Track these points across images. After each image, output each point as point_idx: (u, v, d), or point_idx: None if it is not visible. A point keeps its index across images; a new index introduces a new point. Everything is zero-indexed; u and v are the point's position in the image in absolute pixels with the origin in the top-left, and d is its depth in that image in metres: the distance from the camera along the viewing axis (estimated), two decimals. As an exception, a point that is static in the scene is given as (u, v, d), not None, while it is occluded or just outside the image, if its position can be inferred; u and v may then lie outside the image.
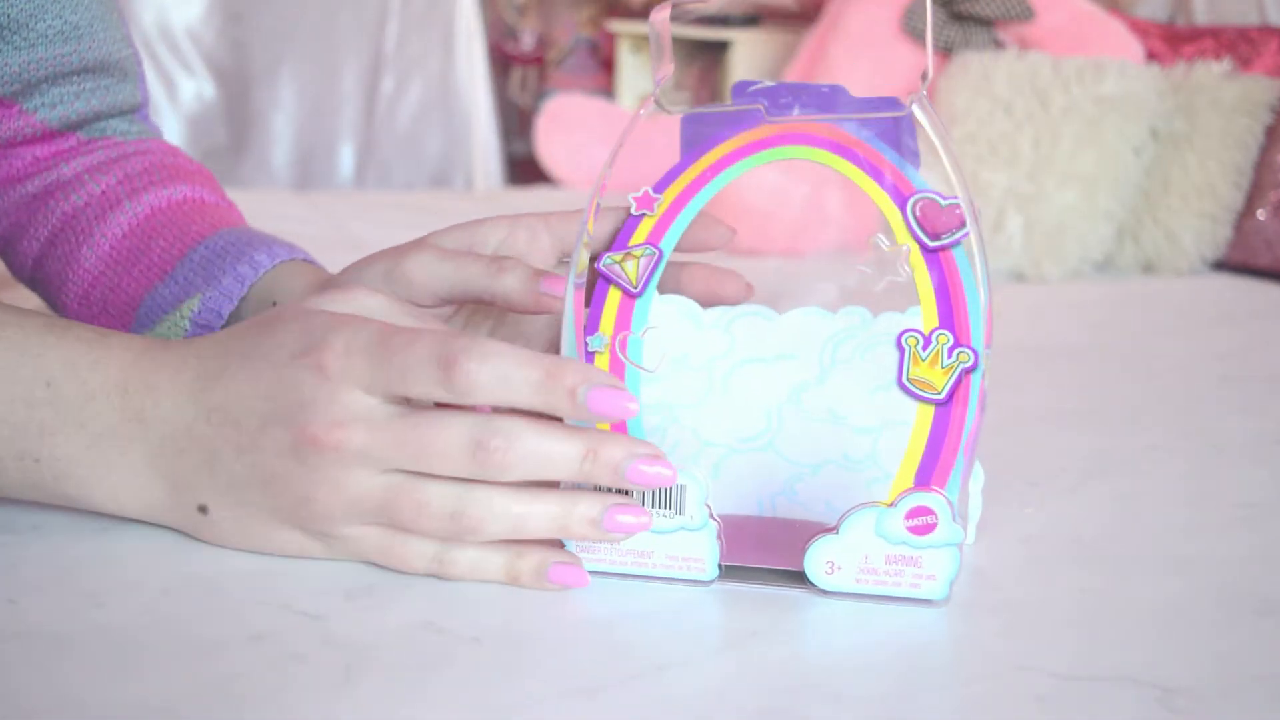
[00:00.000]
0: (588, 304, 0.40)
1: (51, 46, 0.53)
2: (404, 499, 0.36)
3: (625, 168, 0.40)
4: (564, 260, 0.46)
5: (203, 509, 0.38)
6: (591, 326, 0.40)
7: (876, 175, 0.38)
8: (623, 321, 0.40)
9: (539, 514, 0.36)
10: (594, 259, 0.40)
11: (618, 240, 0.40)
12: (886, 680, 0.32)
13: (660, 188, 0.40)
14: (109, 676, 0.31)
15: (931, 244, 0.38)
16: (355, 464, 0.35)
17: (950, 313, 0.37)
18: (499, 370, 0.34)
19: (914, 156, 0.38)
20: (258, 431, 0.36)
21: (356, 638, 0.33)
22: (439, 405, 0.36)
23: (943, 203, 0.38)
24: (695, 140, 0.40)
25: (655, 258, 0.40)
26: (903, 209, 0.38)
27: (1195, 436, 0.55)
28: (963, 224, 0.37)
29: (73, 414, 0.38)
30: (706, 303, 0.41)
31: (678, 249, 0.41)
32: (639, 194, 0.40)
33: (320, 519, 0.36)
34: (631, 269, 0.40)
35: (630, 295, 0.40)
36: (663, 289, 0.41)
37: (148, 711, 0.29)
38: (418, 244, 0.45)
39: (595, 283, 0.40)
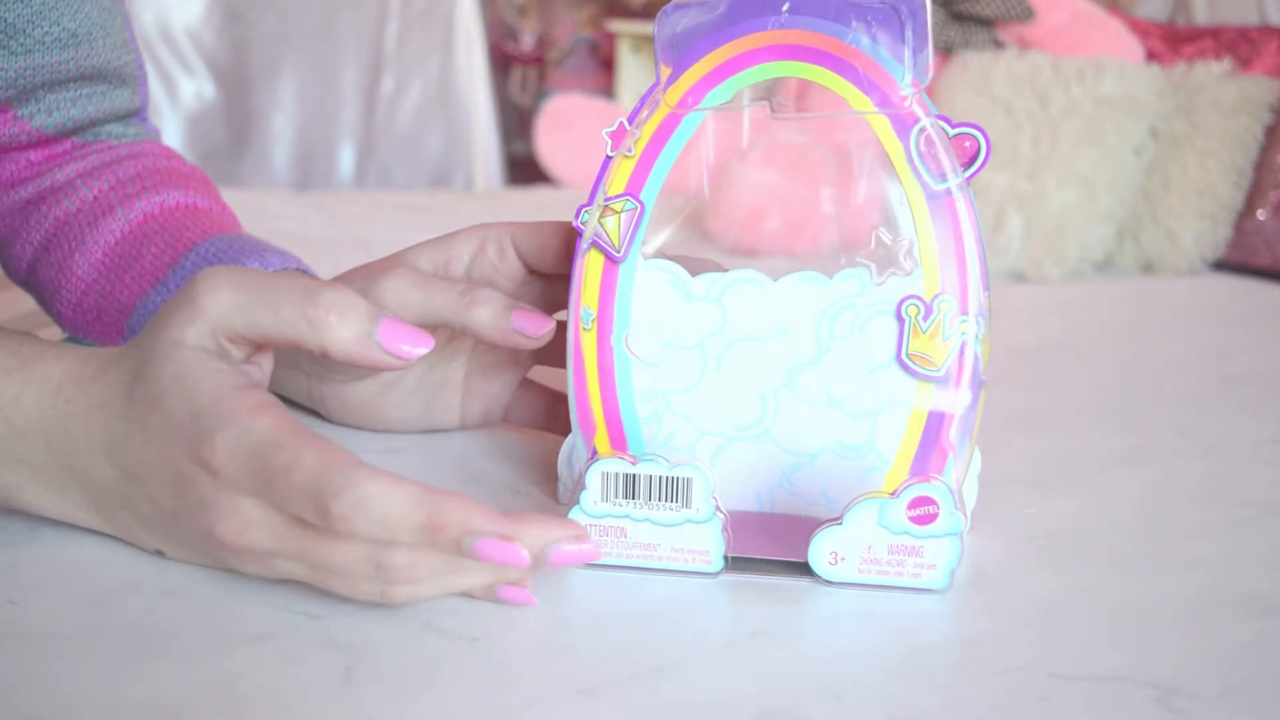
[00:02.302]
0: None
1: (49, 53, 0.53)
2: (328, 579, 0.34)
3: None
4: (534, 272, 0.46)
5: (159, 552, 0.37)
6: (572, 297, 0.38)
7: (880, 99, 0.35)
8: (607, 291, 0.38)
9: (472, 580, 0.34)
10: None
11: (593, 187, 0.38)
12: (887, 680, 0.32)
13: (636, 118, 0.38)
14: (109, 677, 0.31)
15: (936, 187, 0.35)
16: (271, 556, 0.34)
17: (954, 271, 0.35)
18: (375, 516, 0.31)
19: (922, 49, 0.34)
20: (172, 516, 0.35)
21: (356, 638, 0.33)
22: None
23: (951, 131, 0.35)
24: (673, 49, 0.37)
25: (637, 213, 0.37)
26: (905, 143, 0.35)
27: (1195, 436, 0.55)
28: (975, 157, 0.34)
29: (8, 448, 0.36)
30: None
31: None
32: (612, 128, 0.37)
33: (259, 574, 0.35)
34: (612, 228, 0.37)
35: (613, 261, 0.38)
36: None
37: (147, 712, 0.29)
38: (393, 264, 0.45)
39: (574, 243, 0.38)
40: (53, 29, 0.52)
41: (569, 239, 0.44)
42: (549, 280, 0.46)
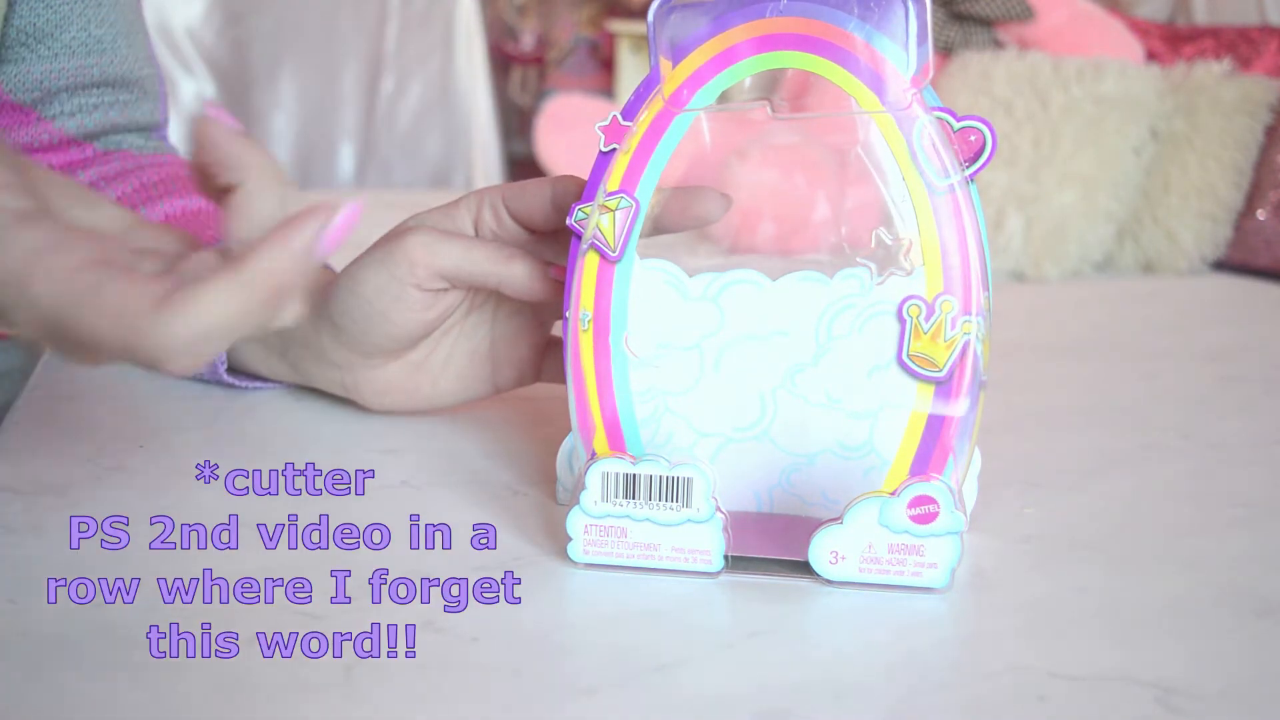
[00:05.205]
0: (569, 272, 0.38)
1: (74, 58, 0.54)
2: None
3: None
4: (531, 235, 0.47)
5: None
6: (569, 299, 0.38)
7: (881, 91, 0.34)
8: (603, 291, 0.38)
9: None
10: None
11: (589, 184, 0.38)
12: (887, 680, 0.32)
13: (631, 112, 0.37)
14: (109, 677, 0.31)
15: (939, 183, 0.35)
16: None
17: (955, 270, 0.35)
18: None
19: (922, 40, 0.33)
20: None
21: (356, 638, 0.33)
22: None
23: (955, 125, 0.35)
24: (670, 40, 0.36)
25: (632, 211, 0.37)
26: (908, 139, 0.34)
27: (1195, 436, 0.55)
28: (980, 152, 0.33)
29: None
30: (681, 227, 0.39)
31: (663, 228, 0.37)
32: (605, 122, 0.37)
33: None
34: (608, 227, 0.37)
35: (609, 260, 0.38)
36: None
37: (147, 713, 0.29)
38: (409, 226, 0.45)
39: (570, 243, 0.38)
40: (79, 34, 0.54)
41: (554, 194, 0.44)
42: (545, 238, 0.46)
